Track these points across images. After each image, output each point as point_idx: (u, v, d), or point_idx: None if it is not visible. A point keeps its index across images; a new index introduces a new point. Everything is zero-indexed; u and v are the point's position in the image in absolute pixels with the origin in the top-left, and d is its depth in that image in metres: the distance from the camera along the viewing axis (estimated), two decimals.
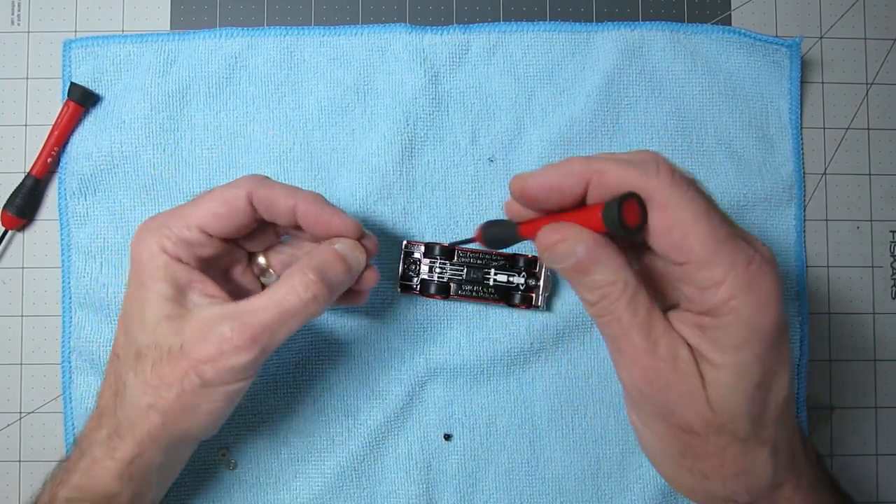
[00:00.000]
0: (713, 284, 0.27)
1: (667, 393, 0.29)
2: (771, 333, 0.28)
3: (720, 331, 0.28)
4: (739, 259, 0.27)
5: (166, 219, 0.35)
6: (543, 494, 0.45)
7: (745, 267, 0.27)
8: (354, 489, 0.44)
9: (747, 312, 0.27)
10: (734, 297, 0.27)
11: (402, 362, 0.45)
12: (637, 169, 0.28)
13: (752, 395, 0.28)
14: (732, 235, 0.28)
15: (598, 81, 0.46)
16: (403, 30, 0.46)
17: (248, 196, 0.35)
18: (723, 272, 0.27)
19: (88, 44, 0.45)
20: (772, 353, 0.28)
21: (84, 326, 0.45)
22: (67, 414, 0.45)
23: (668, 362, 0.29)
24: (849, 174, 0.48)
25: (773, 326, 0.28)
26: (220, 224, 0.35)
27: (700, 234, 0.27)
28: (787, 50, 0.46)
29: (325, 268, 0.35)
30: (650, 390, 0.29)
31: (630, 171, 0.28)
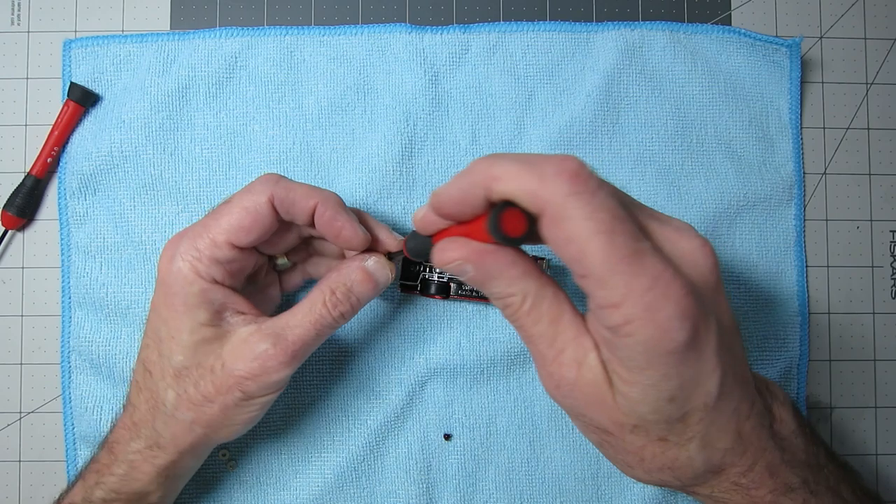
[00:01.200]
0: (610, 305, 0.26)
1: (574, 398, 0.29)
2: (677, 355, 0.27)
3: (621, 350, 0.27)
4: (640, 282, 0.26)
5: (194, 240, 0.35)
6: (543, 494, 0.45)
7: (645, 291, 0.26)
8: (355, 489, 0.44)
9: (646, 336, 0.26)
10: (630, 321, 0.26)
11: (402, 362, 0.45)
12: (535, 175, 0.26)
13: (663, 407, 0.28)
14: (637, 252, 0.26)
15: (598, 81, 0.46)
16: (403, 29, 0.46)
17: (269, 201, 0.35)
18: (621, 295, 0.26)
19: (88, 44, 0.45)
20: (684, 368, 0.27)
21: (83, 326, 0.45)
22: (67, 414, 0.45)
23: (573, 369, 0.29)
24: (849, 174, 0.48)
25: (678, 348, 0.26)
26: (248, 235, 0.35)
27: (598, 252, 0.25)
28: (787, 50, 0.46)
29: (353, 286, 0.37)
30: (558, 394, 0.30)
31: (526, 178, 0.26)
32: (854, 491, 0.33)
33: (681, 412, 0.28)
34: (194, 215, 0.45)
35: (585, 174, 0.26)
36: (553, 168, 0.26)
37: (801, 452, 0.32)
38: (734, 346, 0.30)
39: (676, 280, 0.26)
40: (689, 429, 0.29)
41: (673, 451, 0.30)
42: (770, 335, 0.46)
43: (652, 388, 0.28)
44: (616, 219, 0.26)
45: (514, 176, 0.26)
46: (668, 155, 0.46)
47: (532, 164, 0.26)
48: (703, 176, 0.46)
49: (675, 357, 0.27)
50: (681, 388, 0.28)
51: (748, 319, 0.46)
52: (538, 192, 0.26)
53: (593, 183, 0.26)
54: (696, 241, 0.28)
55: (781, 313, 0.46)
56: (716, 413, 0.29)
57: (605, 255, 0.25)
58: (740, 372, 0.30)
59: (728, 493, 0.32)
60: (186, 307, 0.35)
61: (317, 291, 0.36)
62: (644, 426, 0.29)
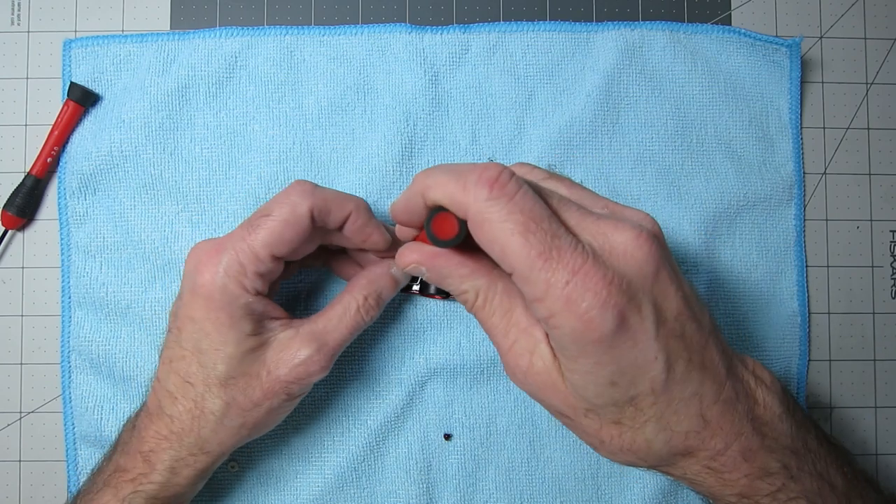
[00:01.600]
0: (535, 300, 0.28)
1: (530, 385, 0.32)
2: (603, 343, 0.28)
3: (555, 341, 0.30)
4: (558, 276, 0.28)
5: (237, 254, 0.35)
6: (543, 494, 0.45)
7: (564, 285, 0.28)
8: (355, 489, 0.44)
9: (570, 328, 0.28)
10: (554, 314, 0.28)
11: (402, 362, 0.45)
12: (459, 184, 0.29)
13: (606, 392, 0.30)
14: (555, 248, 0.28)
15: (598, 81, 0.46)
16: (403, 30, 0.46)
17: (310, 211, 0.36)
18: (542, 290, 0.28)
19: (88, 43, 0.45)
20: (617, 355, 0.29)
21: (83, 326, 0.45)
22: (67, 413, 0.45)
23: (525, 358, 0.32)
24: (849, 174, 0.48)
25: (604, 337, 0.28)
26: (289, 246, 0.36)
27: (516, 251, 0.28)
28: (787, 50, 0.46)
29: (382, 291, 0.39)
30: (518, 382, 0.33)
31: (451, 187, 0.29)
32: (844, 473, 0.33)
33: (627, 396, 0.30)
34: (194, 215, 0.45)
35: (504, 180, 0.28)
36: (475, 176, 0.28)
37: (786, 437, 0.32)
38: (687, 331, 0.30)
39: (597, 272, 0.28)
40: (641, 413, 0.31)
41: (629, 434, 0.31)
42: (770, 335, 0.46)
43: (589, 374, 0.30)
44: (531, 219, 0.28)
45: (442, 185, 0.30)
46: (668, 155, 0.46)
47: (458, 174, 0.29)
48: (703, 176, 0.46)
49: (603, 345, 0.28)
50: (620, 373, 0.29)
51: (748, 319, 0.46)
52: (461, 198, 0.29)
53: (511, 188, 0.28)
54: (630, 233, 0.29)
55: (781, 313, 0.46)
56: (668, 397, 0.30)
57: (523, 253, 0.28)
58: (700, 358, 0.31)
59: (700, 476, 0.32)
60: (232, 320, 0.35)
61: (349, 297, 0.39)
62: (595, 410, 0.31)
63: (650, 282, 0.30)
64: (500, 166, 0.29)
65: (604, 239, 0.30)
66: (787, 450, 0.32)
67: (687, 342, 0.30)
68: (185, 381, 0.36)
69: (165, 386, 0.37)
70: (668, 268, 0.30)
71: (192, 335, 0.36)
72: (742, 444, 0.31)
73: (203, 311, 0.35)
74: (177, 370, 0.36)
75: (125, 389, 0.44)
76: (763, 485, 0.32)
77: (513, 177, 0.29)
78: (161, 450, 0.36)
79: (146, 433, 0.37)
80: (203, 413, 0.36)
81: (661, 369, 0.30)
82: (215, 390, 0.36)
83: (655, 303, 0.30)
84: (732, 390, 0.32)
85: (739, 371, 0.33)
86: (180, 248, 0.44)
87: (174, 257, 0.44)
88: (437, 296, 0.43)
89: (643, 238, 0.29)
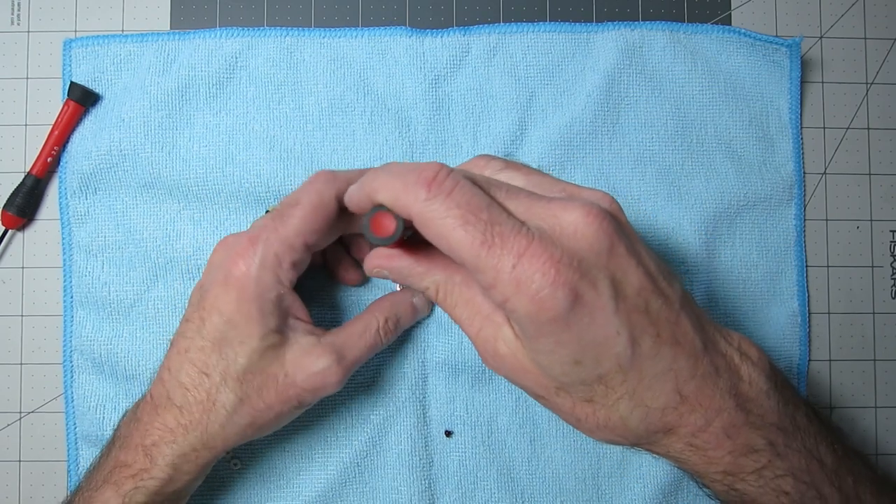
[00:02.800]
0: (488, 287, 0.29)
1: (501, 368, 0.33)
2: (559, 322, 0.28)
3: (515, 324, 0.31)
4: (504, 262, 0.28)
5: (272, 245, 0.35)
6: (544, 493, 0.45)
7: (512, 269, 0.28)
8: (358, 485, 0.44)
9: (525, 310, 0.28)
10: (508, 298, 0.29)
11: (403, 359, 0.45)
12: (399, 185, 0.30)
13: (571, 370, 0.30)
14: (498, 235, 0.28)
15: (598, 81, 0.46)
16: (403, 33, 0.46)
17: (336, 195, 0.36)
18: (491, 277, 0.28)
19: (88, 43, 0.45)
20: (577, 332, 0.29)
21: (86, 325, 0.45)
22: (69, 413, 0.45)
23: (491, 344, 0.32)
24: (849, 174, 0.48)
25: (559, 316, 0.28)
26: (321, 234, 0.37)
27: (459, 243, 0.28)
28: (787, 50, 0.46)
29: (401, 316, 0.41)
30: (490, 366, 0.33)
31: (394, 189, 0.30)
32: (834, 450, 0.33)
33: (594, 374, 0.30)
34: (195, 213, 0.45)
35: (441, 178, 0.29)
36: (414, 177, 0.29)
37: (772, 414, 0.32)
38: (652, 306, 0.30)
39: (543, 252, 0.28)
40: (612, 391, 0.31)
41: (602, 412, 0.31)
42: (770, 335, 0.46)
43: (552, 353, 0.30)
44: (470, 211, 0.28)
45: (386, 187, 0.30)
46: (668, 155, 0.46)
47: (400, 175, 0.30)
48: (703, 176, 0.46)
49: (560, 324, 0.29)
50: (582, 351, 0.29)
51: (748, 320, 0.46)
52: (403, 200, 0.29)
53: (448, 184, 0.29)
54: (579, 212, 0.29)
55: (781, 313, 0.46)
56: (639, 374, 0.30)
57: (466, 243, 0.28)
58: (670, 332, 0.31)
59: (684, 454, 0.32)
60: (262, 314, 0.35)
61: (370, 316, 0.40)
62: (565, 388, 0.31)
63: (605, 258, 0.29)
64: (437, 165, 0.29)
65: (554, 220, 0.30)
66: (774, 427, 0.32)
67: (653, 317, 0.30)
68: (201, 372, 0.36)
69: (177, 377, 0.36)
70: (625, 243, 0.30)
71: (217, 326, 0.36)
72: (724, 420, 0.31)
73: (234, 303, 0.35)
74: (193, 360, 0.36)
75: (127, 388, 0.44)
76: (748, 462, 0.31)
77: (450, 174, 0.29)
78: (164, 443, 0.36)
79: (151, 425, 0.36)
80: (214, 406, 0.36)
81: (626, 345, 0.29)
82: (231, 384, 0.36)
83: (613, 278, 0.29)
84: (711, 365, 0.31)
85: (722, 346, 0.33)
86: (182, 247, 0.44)
87: (176, 256, 0.44)
88: None
89: (593, 215, 0.29)
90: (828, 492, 0.32)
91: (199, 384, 0.36)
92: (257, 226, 0.37)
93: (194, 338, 0.36)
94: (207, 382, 0.36)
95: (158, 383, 0.37)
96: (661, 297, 0.31)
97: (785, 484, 0.31)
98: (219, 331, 0.36)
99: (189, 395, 0.36)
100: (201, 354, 0.36)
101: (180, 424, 0.36)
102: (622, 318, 0.29)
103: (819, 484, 0.32)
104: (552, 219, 0.30)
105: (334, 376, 0.37)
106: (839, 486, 0.32)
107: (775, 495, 0.32)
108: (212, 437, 0.36)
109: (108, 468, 0.37)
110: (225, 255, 0.36)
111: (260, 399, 0.36)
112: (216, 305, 0.36)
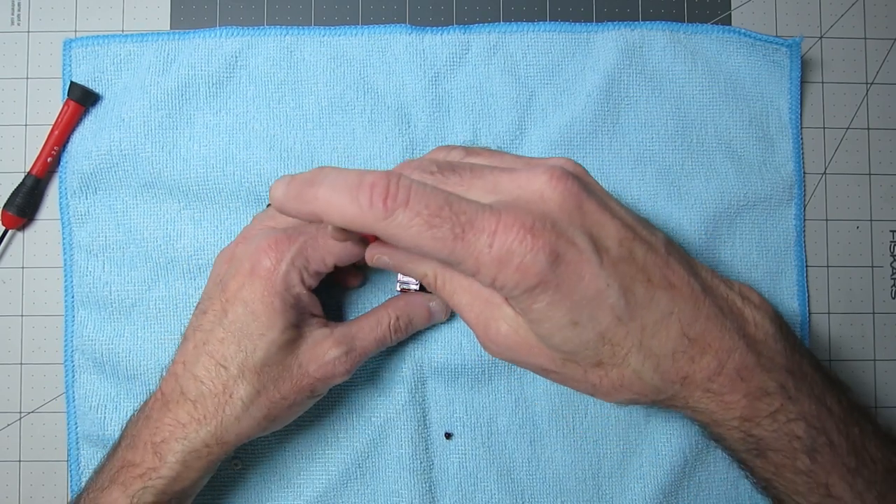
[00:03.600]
0: (474, 273, 0.30)
1: (506, 352, 0.33)
2: (548, 283, 0.29)
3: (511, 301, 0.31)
4: (479, 245, 0.29)
5: (305, 251, 0.37)
6: (544, 494, 0.45)
7: (488, 249, 0.29)
8: (358, 486, 0.44)
9: (514, 282, 0.29)
10: (495, 278, 0.29)
11: (402, 361, 0.45)
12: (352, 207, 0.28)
13: (572, 334, 0.30)
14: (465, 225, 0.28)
15: (598, 81, 0.46)
16: (403, 30, 0.46)
17: None
18: (473, 264, 0.29)
19: (88, 43, 0.45)
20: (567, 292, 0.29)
21: (87, 325, 0.45)
22: (70, 413, 0.45)
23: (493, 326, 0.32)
24: (849, 174, 0.48)
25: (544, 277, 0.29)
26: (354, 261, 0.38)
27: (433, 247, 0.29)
28: (787, 50, 0.46)
29: (415, 319, 0.42)
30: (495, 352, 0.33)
31: (343, 211, 0.29)
32: (840, 401, 0.33)
33: (595, 332, 0.30)
34: (196, 213, 0.45)
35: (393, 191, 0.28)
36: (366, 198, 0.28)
37: (780, 357, 0.32)
38: (637, 254, 0.31)
39: (514, 223, 0.29)
40: (617, 347, 0.31)
41: (614, 371, 0.32)
42: None
43: (549, 319, 0.30)
44: (432, 214, 0.28)
45: (337, 210, 0.29)
46: (668, 155, 0.46)
47: (346, 194, 0.29)
48: (703, 176, 0.46)
49: (549, 286, 0.29)
50: (577, 311, 0.30)
51: None
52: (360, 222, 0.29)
53: (402, 195, 0.28)
54: (543, 177, 0.30)
55: (781, 313, 0.46)
56: (640, 323, 0.30)
57: (438, 246, 0.29)
58: (662, 276, 0.31)
59: (703, 402, 0.32)
60: (284, 307, 0.36)
61: (383, 312, 0.40)
62: (571, 357, 0.32)
63: (577, 215, 0.30)
64: (383, 176, 0.28)
65: (520, 191, 0.30)
66: (784, 370, 0.32)
67: (640, 264, 0.31)
68: (218, 364, 0.36)
69: (192, 370, 0.37)
70: (595, 199, 0.31)
71: (240, 316, 0.36)
72: (736, 361, 0.31)
73: (259, 294, 0.36)
74: (211, 353, 0.36)
75: (128, 388, 0.44)
76: (762, 405, 0.32)
77: (399, 183, 0.29)
78: (175, 439, 0.36)
79: (161, 422, 0.36)
80: (231, 399, 0.36)
81: (618, 295, 0.30)
82: (249, 376, 0.36)
83: (591, 234, 0.30)
84: (715, 306, 0.32)
85: (722, 290, 0.33)
86: (182, 247, 0.44)
87: (177, 255, 0.44)
88: None
89: (556, 177, 0.30)
90: (836, 439, 0.32)
91: (215, 376, 0.36)
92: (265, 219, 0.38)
93: (213, 329, 0.37)
94: (224, 374, 0.36)
95: (171, 379, 0.37)
96: (643, 243, 0.31)
97: (797, 428, 0.32)
98: (241, 321, 0.36)
99: (204, 387, 0.36)
100: (220, 346, 0.36)
101: (193, 419, 0.36)
102: (608, 269, 0.30)
103: (829, 431, 0.32)
104: (518, 190, 0.30)
105: (342, 366, 0.38)
106: (847, 435, 0.32)
107: (788, 440, 0.32)
108: (226, 430, 0.36)
109: (115, 468, 0.37)
110: (251, 247, 0.37)
111: (276, 390, 0.37)
112: (240, 295, 0.36)
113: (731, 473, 0.45)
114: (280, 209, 0.30)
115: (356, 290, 0.45)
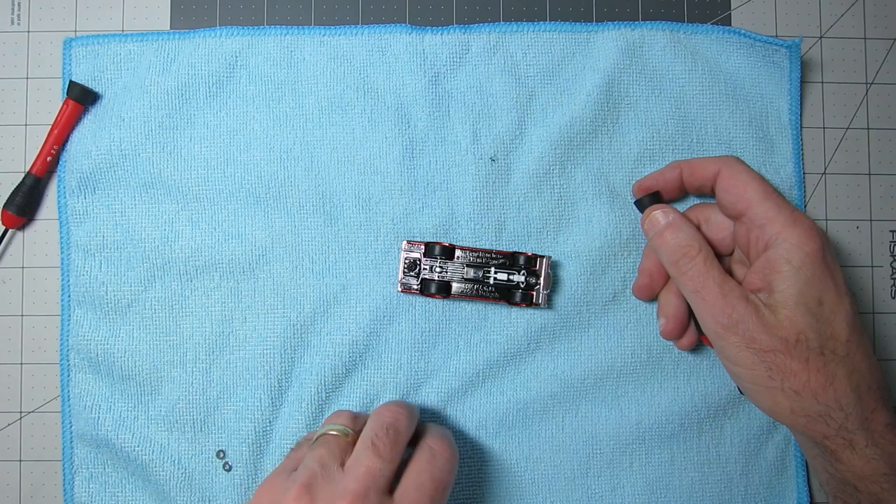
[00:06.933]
0: (768, 221, 0.37)
1: (745, 324, 0.37)
2: (818, 257, 0.36)
3: (780, 258, 0.37)
4: (783, 205, 0.38)
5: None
6: (534, 494, 0.45)
7: (790, 210, 0.37)
8: None
9: (797, 239, 0.37)
10: (784, 229, 0.37)
11: (398, 364, 0.45)
12: (715, 160, 0.41)
13: (815, 310, 0.36)
14: (775, 192, 0.38)
15: (598, 81, 0.46)
16: (403, 30, 0.46)
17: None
18: (774, 211, 0.37)
19: (88, 42, 0.45)
20: (824, 274, 0.36)
21: (83, 325, 0.45)
22: (65, 412, 0.44)
23: (740, 300, 0.37)
24: (849, 174, 0.48)
25: (819, 251, 0.36)
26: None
27: (754, 189, 0.38)
28: (786, 50, 0.46)
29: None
30: (731, 323, 0.37)
31: (709, 161, 0.41)
32: None
33: (829, 321, 0.36)
34: (194, 214, 0.45)
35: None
36: (726, 156, 0.42)
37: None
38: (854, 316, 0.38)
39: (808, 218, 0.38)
40: (838, 344, 0.36)
41: (831, 366, 0.36)
42: None
43: (803, 287, 0.36)
44: (766, 182, 0.39)
45: (700, 161, 0.42)
46: (669, 155, 0.46)
47: (709, 159, 0.42)
48: None
49: (818, 259, 0.36)
50: (825, 292, 0.36)
51: None
52: (719, 166, 0.41)
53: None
54: (805, 225, 0.38)
55: None
56: (856, 338, 0.37)
57: (758, 189, 0.38)
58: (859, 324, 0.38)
59: (885, 437, 0.36)
60: None
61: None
62: (802, 337, 0.36)
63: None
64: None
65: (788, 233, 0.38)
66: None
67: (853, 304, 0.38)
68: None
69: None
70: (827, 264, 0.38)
71: None
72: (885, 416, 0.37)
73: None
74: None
75: (123, 389, 0.44)
76: None
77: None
78: None
79: None
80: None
81: (848, 303, 0.37)
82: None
83: (836, 280, 0.37)
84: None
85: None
86: (180, 248, 0.44)
87: (174, 256, 0.44)
88: (438, 295, 0.43)
89: (814, 233, 0.38)
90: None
91: None
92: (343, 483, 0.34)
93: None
94: None
95: None
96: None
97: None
98: None
99: None
100: None
101: None
102: (846, 287, 0.37)
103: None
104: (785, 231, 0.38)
105: None
106: None
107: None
108: None
109: None
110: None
111: None
112: None
113: (722, 474, 0.45)
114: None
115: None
